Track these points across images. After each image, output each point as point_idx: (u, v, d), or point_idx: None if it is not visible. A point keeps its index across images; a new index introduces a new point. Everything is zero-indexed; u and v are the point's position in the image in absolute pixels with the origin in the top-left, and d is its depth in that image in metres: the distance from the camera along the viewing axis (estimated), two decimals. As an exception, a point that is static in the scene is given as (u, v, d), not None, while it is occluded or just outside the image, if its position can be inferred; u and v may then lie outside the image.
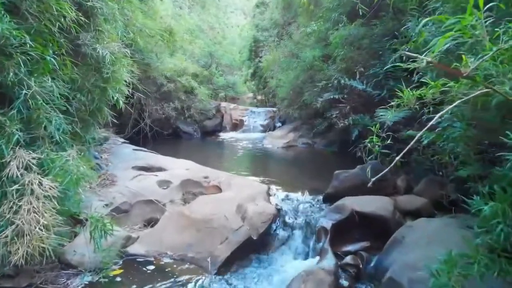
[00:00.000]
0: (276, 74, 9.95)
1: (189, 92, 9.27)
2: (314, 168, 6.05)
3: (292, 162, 6.66)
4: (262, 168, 6.01)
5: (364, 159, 5.47)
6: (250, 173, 5.74)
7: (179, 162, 5.37)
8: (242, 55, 19.07)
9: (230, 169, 6.01)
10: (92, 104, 3.98)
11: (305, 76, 7.72)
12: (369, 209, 3.70)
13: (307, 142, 8.12)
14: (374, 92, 5.37)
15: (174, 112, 8.97)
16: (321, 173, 5.58)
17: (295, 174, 5.66)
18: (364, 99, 5.80)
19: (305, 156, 7.22)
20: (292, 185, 4.89)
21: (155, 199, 4.15)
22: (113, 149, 5.58)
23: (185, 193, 4.46)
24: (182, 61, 9.52)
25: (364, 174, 4.19)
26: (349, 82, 5.48)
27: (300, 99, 8.35)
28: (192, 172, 4.84)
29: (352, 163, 5.57)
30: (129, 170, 4.84)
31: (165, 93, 9.07)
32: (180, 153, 7.68)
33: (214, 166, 6.11)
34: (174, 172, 4.79)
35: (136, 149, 5.70)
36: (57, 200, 2.77)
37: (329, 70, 6.63)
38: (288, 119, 9.87)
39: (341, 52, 6.23)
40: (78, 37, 3.85)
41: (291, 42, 9.24)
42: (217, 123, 10.47)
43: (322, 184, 4.86)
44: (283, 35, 11.45)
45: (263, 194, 4.15)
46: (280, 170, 6.01)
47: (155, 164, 5.12)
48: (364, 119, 5.26)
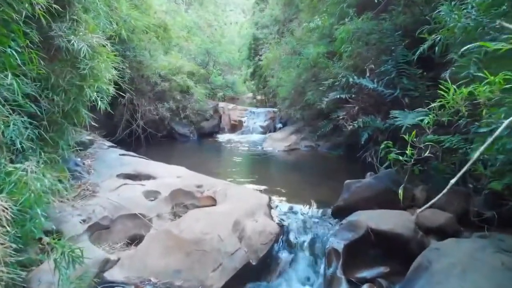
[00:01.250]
0: (277, 72, 9.44)
1: (185, 91, 8.75)
2: (319, 174, 5.54)
3: (295, 168, 6.15)
4: (262, 174, 5.50)
5: (375, 166, 4.97)
6: (249, 180, 5.22)
7: (170, 168, 4.85)
8: (241, 53, 18.56)
9: (227, 175, 5.50)
10: (67, 105, 3.46)
11: (308, 74, 7.22)
12: (386, 226, 3.18)
13: (310, 145, 7.61)
14: (386, 91, 4.86)
15: (169, 112, 8.45)
16: (328, 181, 5.07)
17: (299, 181, 5.14)
18: (374, 99, 5.30)
19: (308, 161, 6.71)
20: (295, 195, 4.38)
21: (140, 213, 3.63)
22: (98, 154, 5.05)
23: (175, 205, 3.94)
24: (178, 59, 9.01)
25: (378, 184, 3.69)
26: (359, 81, 4.97)
27: (303, 99, 7.85)
28: (184, 181, 4.32)
29: (362, 170, 5.07)
30: (114, 178, 4.32)
31: (159, 92, 8.55)
32: (174, 156, 7.17)
33: (210, 172, 5.60)
34: (163, 181, 4.27)
35: (123, 154, 5.18)
36: (12, 223, 2.25)
37: (334, 68, 6.12)
38: (290, 120, 9.36)
39: (348, 48, 5.72)
40: (52, 28, 3.34)
41: (293, 39, 8.73)
42: (215, 124, 9.95)
43: (329, 194, 4.35)
44: (284, 32, 10.95)
45: (264, 207, 3.64)
46: (282, 177, 5.50)
47: (143, 171, 4.60)
48: (375, 121, 4.75)
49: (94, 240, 3.43)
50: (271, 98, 12.71)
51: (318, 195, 4.34)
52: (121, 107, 8.03)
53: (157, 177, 4.46)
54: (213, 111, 9.91)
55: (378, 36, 5.54)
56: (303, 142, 7.73)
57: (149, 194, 4.00)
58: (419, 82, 4.91)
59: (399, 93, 4.80)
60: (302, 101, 7.95)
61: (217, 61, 11.49)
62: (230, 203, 3.62)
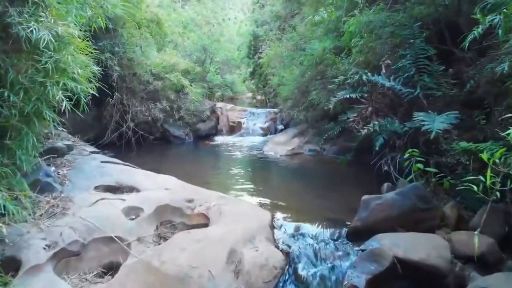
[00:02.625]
0: (278, 70, 8.83)
1: (180, 91, 8.14)
2: (328, 184, 4.94)
3: (299, 175, 5.54)
4: (263, 184, 4.89)
5: (392, 175, 4.37)
6: (248, 191, 4.62)
7: (158, 178, 4.25)
8: (240, 52, 17.97)
9: (224, 184, 4.89)
10: (27, 106, 2.86)
11: (312, 72, 6.62)
12: (417, 255, 2.59)
13: (315, 149, 7.01)
14: (404, 90, 4.26)
15: (162, 113, 7.84)
16: (338, 192, 4.47)
17: (305, 192, 4.54)
18: (390, 99, 4.70)
19: (314, 167, 6.10)
20: (302, 210, 3.78)
21: (117, 235, 3.03)
22: (76, 161, 4.44)
23: (160, 224, 3.34)
24: (172, 56, 8.40)
25: (403, 201, 3.08)
26: (373, 78, 4.37)
27: (306, 98, 7.26)
28: (172, 194, 3.72)
29: (376, 179, 4.47)
30: (91, 191, 3.72)
31: (152, 92, 7.95)
32: (166, 161, 6.56)
33: (204, 180, 5.00)
34: (148, 195, 3.67)
35: (105, 161, 4.57)
36: None
37: (343, 64, 5.52)
38: (292, 122, 8.76)
39: (359, 42, 5.12)
40: (9, 13, 2.75)
41: (296, 35, 8.12)
42: (212, 126, 9.35)
43: (341, 209, 3.76)
44: (285, 29, 10.35)
45: (265, 228, 3.03)
46: (286, 187, 4.89)
47: (126, 182, 4.00)
48: (393, 124, 4.14)
49: (61, 270, 2.82)
50: (271, 98, 12.12)
51: (328, 210, 3.74)
52: (110, 107, 7.43)
53: (142, 190, 3.86)
54: (210, 111, 9.30)
55: (392, 29, 4.95)
56: (307, 146, 7.13)
57: (130, 211, 3.40)
58: (441, 80, 4.31)
59: (419, 93, 4.20)
60: (305, 101, 7.36)
61: (215, 59, 10.88)
62: (225, 224, 3.02)
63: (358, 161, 5.55)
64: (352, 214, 3.57)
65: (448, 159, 3.91)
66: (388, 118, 4.29)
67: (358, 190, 4.51)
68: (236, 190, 4.62)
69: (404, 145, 4.39)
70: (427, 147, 4.20)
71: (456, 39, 4.81)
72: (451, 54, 4.77)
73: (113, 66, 6.73)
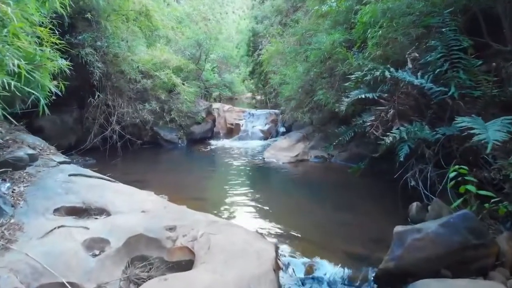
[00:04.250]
0: (280, 68, 8.07)
1: (172, 90, 7.38)
2: (342, 201, 4.17)
3: (307, 189, 4.78)
4: (264, 200, 4.13)
5: (422, 193, 3.62)
6: (246, 210, 3.86)
7: (136, 196, 3.50)
8: (239, 50, 17.25)
9: (217, 201, 4.13)
10: None
11: (319, 69, 5.88)
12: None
13: (321, 155, 6.26)
14: (436, 89, 3.51)
15: (152, 115, 7.08)
16: (356, 212, 3.71)
17: (315, 213, 3.77)
18: (415, 99, 3.94)
19: (322, 178, 5.34)
20: (314, 241, 3.02)
21: (71, 281, 2.27)
22: (39, 175, 3.68)
23: (131, 262, 2.58)
24: (164, 52, 7.63)
25: (451, 235, 2.33)
26: (398, 75, 3.61)
27: (312, 99, 6.51)
28: (150, 218, 2.96)
29: (402, 196, 3.70)
30: (48, 216, 2.96)
31: (141, 91, 7.19)
32: (154, 170, 5.79)
33: (194, 195, 4.25)
34: (119, 220, 2.91)
35: (74, 174, 3.81)
36: None
37: (357, 59, 4.77)
38: (295, 124, 8.02)
39: (377, 34, 4.37)
40: None
41: (299, 28, 7.36)
42: (208, 128, 8.58)
43: (364, 239, 3.01)
44: (287, 24, 9.59)
45: (268, 274, 2.27)
46: (291, 205, 4.10)
47: (95, 202, 3.24)
48: (423, 130, 3.38)
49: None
50: (272, 98, 11.39)
51: (347, 240, 2.98)
52: (93, 109, 6.67)
53: (113, 212, 3.10)
54: (206, 113, 8.54)
55: (416, 17, 4.20)
56: (312, 152, 6.38)
57: (94, 244, 2.64)
58: (480, 77, 3.55)
59: (454, 92, 3.45)
60: (310, 102, 6.61)
61: (210, 55, 10.12)
62: (214, 268, 2.26)
63: (375, 171, 4.80)
64: (377, 246, 2.82)
65: (492, 174, 3.17)
66: (416, 123, 3.53)
67: (381, 210, 3.77)
68: (232, 209, 3.86)
69: (435, 155, 3.64)
70: (464, 158, 3.46)
71: (492, 29, 4.09)
72: (486, 47, 4.02)
73: (94, 63, 5.97)
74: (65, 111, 6.82)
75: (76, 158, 6.22)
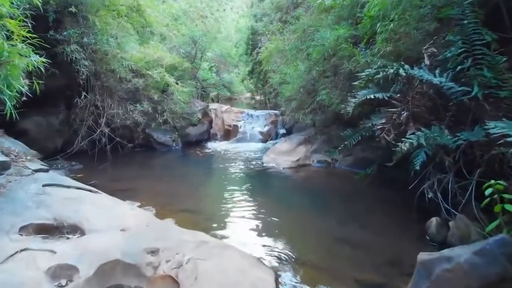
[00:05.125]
0: (280, 67, 7.66)
1: (165, 90, 6.97)
2: (349, 213, 3.74)
3: (309, 199, 4.35)
4: (262, 213, 3.70)
5: (441, 206, 3.20)
6: (241, 226, 3.44)
7: (117, 209, 3.09)
8: (238, 49, 16.85)
9: (209, 214, 3.71)
10: None
11: (323, 67, 5.48)
12: None
13: (325, 160, 5.85)
14: (458, 89, 3.09)
15: (144, 116, 6.67)
16: (367, 228, 3.29)
17: (320, 229, 3.35)
18: (432, 100, 3.53)
19: (325, 185, 4.92)
20: (319, 266, 2.59)
21: (26, 323, 1.86)
22: (9, 185, 3.26)
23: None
24: (157, 50, 7.21)
25: (487, 266, 1.91)
26: (415, 73, 3.19)
27: (314, 99, 6.10)
28: (129, 239, 2.55)
29: (418, 208, 3.30)
30: (12, 235, 2.56)
31: (132, 91, 6.77)
32: (143, 176, 5.37)
33: (184, 206, 3.84)
34: (93, 242, 2.50)
35: (49, 184, 3.39)
36: None
37: (365, 56, 4.37)
38: (296, 126, 7.61)
39: (387, 27, 3.96)
40: None
41: (301, 24, 6.94)
42: (204, 130, 8.16)
43: (378, 263, 2.58)
44: (288, 21, 9.17)
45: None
46: (292, 221, 3.64)
47: (69, 218, 2.83)
48: (443, 136, 2.97)
49: None
50: (272, 98, 10.98)
51: (358, 265, 2.57)
52: (80, 110, 6.26)
53: (88, 231, 2.69)
54: (202, 114, 8.12)
55: (430, 9, 3.79)
56: (314, 156, 5.97)
57: (60, 272, 2.23)
58: (506, 75, 3.14)
59: (477, 92, 3.04)
60: (313, 102, 6.20)
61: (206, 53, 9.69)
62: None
63: (383, 178, 4.40)
64: (393, 271, 2.44)
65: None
66: (435, 127, 3.11)
67: (393, 225, 3.35)
68: (226, 225, 3.44)
69: (454, 162, 3.23)
70: (489, 167, 3.05)
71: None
72: (510, 42, 3.61)
73: (80, 61, 5.55)
74: (51, 112, 6.40)
75: (61, 163, 5.81)
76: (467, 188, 3.05)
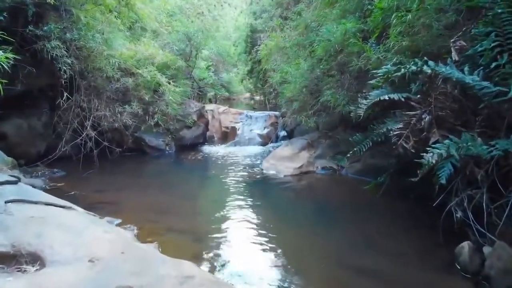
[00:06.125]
0: (281, 65, 7.18)
1: (157, 90, 6.48)
2: (360, 232, 3.25)
3: (313, 214, 3.85)
4: (260, 235, 3.20)
5: (472, 227, 2.72)
6: (235, 251, 2.94)
7: (88, 232, 2.59)
8: (236, 48, 16.35)
9: (200, 236, 3.20)
10: None
11: (328, 64, 5.01)
12: None
13: (330, 166, 5.37)
14: (493, 89, 2.62)
15: (134, 118, 6.18)
16: (381, 251, 2.81)
17: (326, 254, 2.85)
18: (458, 101, 3.05)
19: (332, 197, 4.43)
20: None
21: None
22: (-36, 202, 2.78)
23: None
24: (149, 47, 6.73)
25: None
26: (443, 70, 2.72)
27: (318, 100, 5.63)
28: (98, 273, 2.07)
29: (444, 227, 2.82)
30: (-48, 269, 2.07)
31: (122, 92, 6.29)
32: (131, 185, 4.87)
33: (171, 224, 3.35)
34: (52, 278, 2.02)
35: (13, 200, 2.90)
36: None
37: (377, 52, 3.89)
38: (298, 129, 7.13)
39: (404, 19, 3.48)
40: None
41: (303, 19, 6.46)
42: (199, 133, 7.67)
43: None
44: (288, 17, 8.69)
45: None
46: (295, 242, 3.10)
47: (29, 245, 2.34)
48: (476, 145, 2.49)
49: None
50: (272, 98, 10.50)
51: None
52: (63, 112, 5.77)
53: (49, 261, 2.20)
54: (198, 115, 7.63)
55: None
56: (318, 162, 5.49)
57: (3, 323, 1.74)
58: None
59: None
60: (316, 103, 5.73)
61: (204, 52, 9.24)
62: None
63: (398, 188, 3.92)
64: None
65: None
66: (466, 135, 2.64)
67: (415, 249, 2.87)
68: (217, 249, 2.94)
69: (486, 175, 2.75)
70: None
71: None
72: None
73: (60, 58, 5.07)
74: (33, 114, 5.90)
75: (42, 170, 5.32)
76: (504, 206, 2.58)
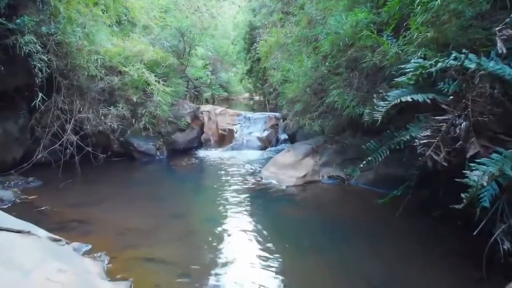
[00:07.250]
0: (281, 63, 6.61)
1: (146, 90, 5.91)
2: (380, 261, 2.69)
3: (321, 236, 3.27)
4: (260, 265, 2.64)
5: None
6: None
7: (38, 273, 2.03)
8: (235, 46, 15.79)
9: (184, 266, 2.63)
10: None
11: (338, 59, 4.44)
12: None
13: (337, 175, 4.81)
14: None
15: (121, 121, 5.62)
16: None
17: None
18: (501, 105, 2.49)
19: (341, 213, 3.85)
20: None
21: None
22: None
23: None
24: (137, 43, 6.17)
25: None
26: (492, 67, 2.16)
27: (323, 101, 5.07)
28: None
29: (486, 259, 2.26)
30: None
31: (108, 92, 5.73)
32: (111, 199, 4.28)
33: (154, 251, 2.78)
34: None
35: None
36: None
37: (395, 46, 3.33)
38: (300, 132, 6.56)
39: (432, 4, 2.92)
40: None
41: (306, 13, 5.89)
42: (193, 136, 7.10)
43: None
44: (290, 13, 8.12)
45: None
46: (303, 271, 2.52)
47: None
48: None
49: None
50: (272, 99, 9.94)
51: None
52: (40, 114, 5.21)
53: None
54: (192, 117, 7.07)
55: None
56: (324, 170, 4.93)
57: None
58: None
59: None
60: (321, 105, 5.17)
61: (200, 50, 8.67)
62: None
63: (419, 204, 3.37)
64: None
65: None
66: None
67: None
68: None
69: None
70: None
71: None
72: None
73: (35, 54, 4.51)
74: (9, 117, 5.33)
75: (15, 180, 4.76)
76: None
